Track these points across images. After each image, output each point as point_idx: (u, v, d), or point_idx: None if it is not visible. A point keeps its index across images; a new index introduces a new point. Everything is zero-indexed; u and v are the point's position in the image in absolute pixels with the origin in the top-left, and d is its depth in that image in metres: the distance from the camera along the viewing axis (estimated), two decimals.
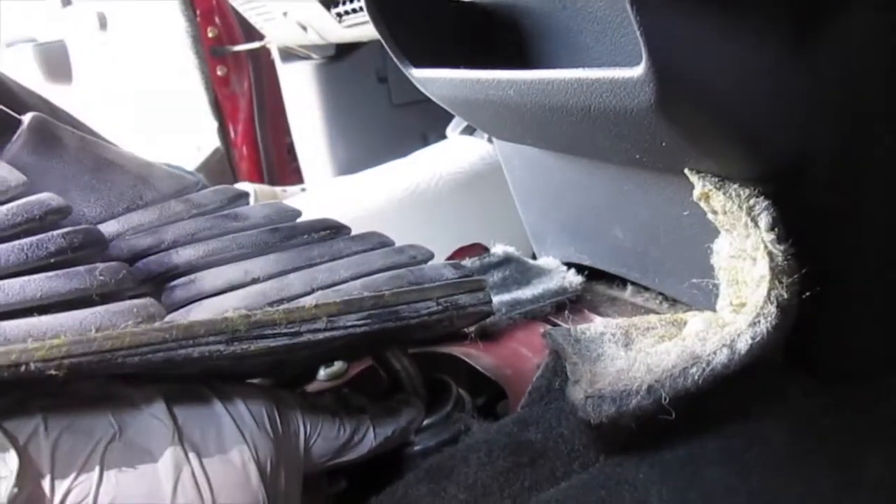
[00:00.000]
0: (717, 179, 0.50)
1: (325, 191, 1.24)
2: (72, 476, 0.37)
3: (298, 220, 0.56)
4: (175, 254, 0.49)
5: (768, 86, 0.44)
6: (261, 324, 0.40)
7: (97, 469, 0.38)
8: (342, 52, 1.57)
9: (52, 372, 0.34)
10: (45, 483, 0.36)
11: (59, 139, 0.52)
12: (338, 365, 0.73)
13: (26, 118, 0.51)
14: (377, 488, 0.54)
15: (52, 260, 0.39)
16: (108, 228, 0.50)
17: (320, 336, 0.43)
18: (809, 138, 0.46)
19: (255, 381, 0.56)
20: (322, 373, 0.73)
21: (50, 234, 0.39)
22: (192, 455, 0.41)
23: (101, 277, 0.39)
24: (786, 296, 0.48)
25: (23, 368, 0.33)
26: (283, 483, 0.45)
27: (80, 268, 0.39)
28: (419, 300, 0.49)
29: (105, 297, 0.40)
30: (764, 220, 0.48)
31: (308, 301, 0.46)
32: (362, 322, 0.45)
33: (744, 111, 0.44)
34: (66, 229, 0.40)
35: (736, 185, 0.49)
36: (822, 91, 0.45)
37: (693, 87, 0.42)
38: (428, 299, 0.49)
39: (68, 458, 0.37)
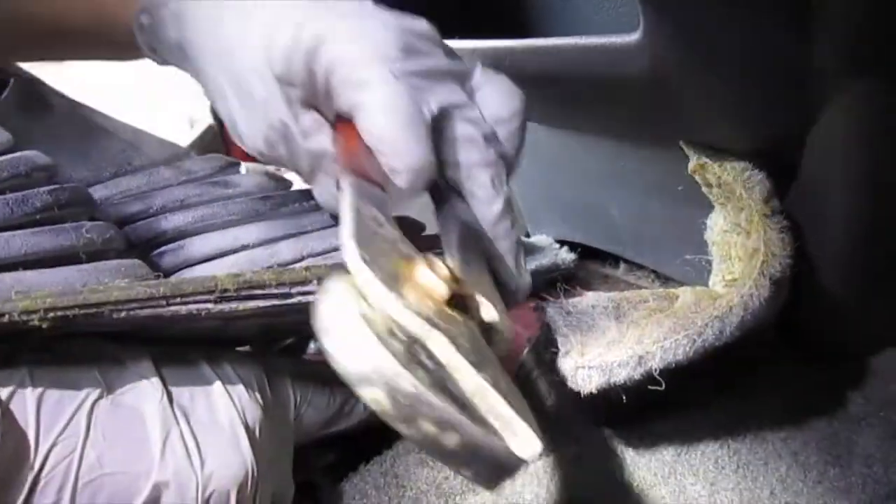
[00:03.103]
0: (712, 151, 0.50)
1: None
2: (57, 431, 0.36)
3: (290, 190, 0.55)
4: (164, 219, 0.49)
5: (766, 55, 0.43)
6: (250, 284, 0.40)
7: (84, 425, 0.37)
8: None
9: (36, 323, 0.33)
10: (30, 437, 0.35)
11: (46, 101, 0.51)
12: None
13: (16, 79, 0.50)
14: (366, 458, 0.54)
15: (37, 216, 0.38)
16: (95, 193, 0.50)
17: (311, 298, 0.42)
18: (808, 109, 0.46)
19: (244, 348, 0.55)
20: (313, 346, 0.73)
21: (36, 190, 0.38)
22: (180, 416, 0.40)
23: (88, 235, 0.39)
24: (779, 269, 0.48)
25: (6, 318, 0.32)
26: (273, 450, 0.45)
27: (67, 224, 0.39)
28: None
29: (92, 257, 0.40)
30: (758, 192, 0.48)
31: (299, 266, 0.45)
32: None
33: (741, 80, 0.44)
34: (52, 186, 0.39)
35: (731, 158, 0.49)
36: (822, 61, 0.44)
37: (690, 55, 0.42)
38: None
39: (54, 413, 0.37)
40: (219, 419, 0.42)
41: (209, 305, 0.38)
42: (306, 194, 0.54)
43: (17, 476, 0.35)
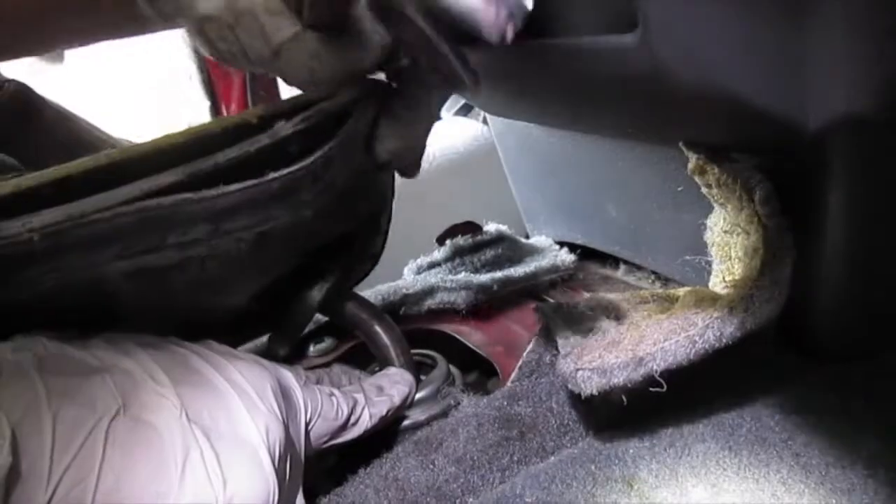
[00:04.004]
0: (711, 152, 0.50)
1: None
2: (74, 450, 0.34)
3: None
4: None
5: (765, 54, 0.43)
6: (195, 132, 0.40)
7: (101, 444, 0.35)
8: None
9: (26, 236, 0.33)
10: (45, 456, 0.34)
11: (38, 110, 0.51)
12: (328, 341, 0.73)
13: (8, 84, 0.50)
14: (365, 462, 0.53)
15: None
16: None
17: (284, 173, 0.43)
18: (806, 110, 0.45)
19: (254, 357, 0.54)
20: (312, 349, 0.72)
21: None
22: (199, 434, 0.38)
23: None
24: (779, 270, 0.47)
25: None
26: (289, 467, 0.43)
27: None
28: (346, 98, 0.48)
29: None
30: (759, 192, 0.47)
31: None
32: (301, 124, 0.44)
33: (740, 80, 0.43)
34: None
35: (731, 158, 0.49)
36: (821, 63, 0.44)
37: (688, 55, 0.42)
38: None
39: (70, 431, 0.35)
40: (240, 437, 0.40)
41: (189, 195, 0.38)
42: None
43: (30, 497, 0.33)
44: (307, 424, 0.48)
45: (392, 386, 0.55)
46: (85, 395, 0.37)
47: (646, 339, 0.48)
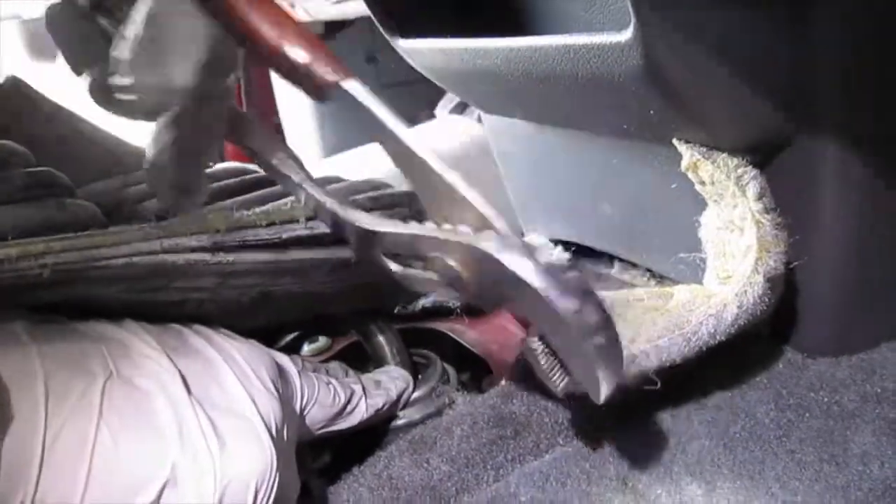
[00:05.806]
0: (705, 149, 0.50)
1: (313, 171, 1.23)
2: (69, 405, 0.34)
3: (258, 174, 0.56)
4: (142, 207, 0.49)
5: (758, 53, 0.43)
6: (240, 223, 0.40)
7: (98, 403, 0.35)
8: (331, 31, 1.55)
9: (36, 271, 0.33)
10: (40, 410, 0.34)
11: (34, 102, 0.51)
12: (322, 340, 0.72)
13: (4, 77, 0.50)
14: (360, 460, 0.53)
15: (20, 195, 0.39)
16: None
17: (306, 257, 0.42)
18: (799, 107, 0.45)
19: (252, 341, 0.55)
20: (306, 348, 0.72)
21: (16, 171, 0.39)
22: (194, 402, 0.39)
23: (72, 209, 0.39)
24: (773, 266, 0.47)
25: (4, 265, 0.32)
26: (287, 446, 0.44)
27: (52, 201, 0.39)
28: (387, 191, 0.48)
29: None
30: (752, 189, 0.47)
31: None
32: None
33: (733, 78, 0.43)
34: (31, 169, 0.39)
35: (724, 155, 0.49)
36: (815, 60, 0.44)
37: (681, 53, 0.42)
38: (393, 193, 0.48)
39: (65, 388, 0.35)
40: (234, 408, 0.40)
41: (206, 256, 0.38)
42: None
43: (23, 456, 0.32)
44: (303, 409, 0.48)
45: (390, 381, 0.56)
46: (77, 360, 0.37)
47: (640, 337, 0.48)
